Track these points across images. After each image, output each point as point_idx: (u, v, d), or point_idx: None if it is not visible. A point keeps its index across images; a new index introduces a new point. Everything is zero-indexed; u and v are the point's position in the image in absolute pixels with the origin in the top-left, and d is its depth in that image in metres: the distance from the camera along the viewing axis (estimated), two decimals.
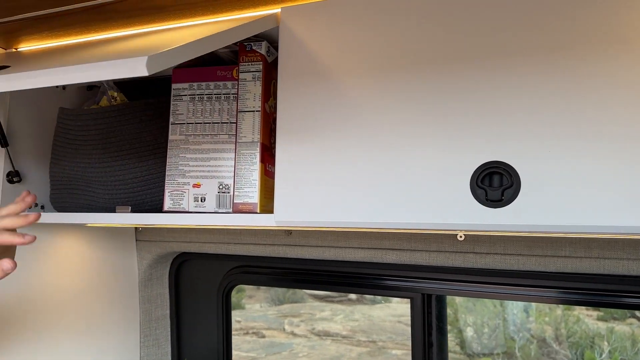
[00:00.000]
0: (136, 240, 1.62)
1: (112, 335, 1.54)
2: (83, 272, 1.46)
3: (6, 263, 0.90)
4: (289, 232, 1.42)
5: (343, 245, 1.36)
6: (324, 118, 0.96)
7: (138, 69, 0.71)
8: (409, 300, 1.38)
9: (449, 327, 1.48)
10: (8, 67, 0.95)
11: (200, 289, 1.66)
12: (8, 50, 1.28)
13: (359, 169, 0.92)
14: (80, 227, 1.45)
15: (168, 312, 1.68)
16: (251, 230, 1.47)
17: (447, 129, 0.87)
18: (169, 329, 1.68)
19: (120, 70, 0.73)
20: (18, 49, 1.30)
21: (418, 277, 1.36)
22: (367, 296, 3.33)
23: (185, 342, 1.69)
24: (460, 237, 1.22)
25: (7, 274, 0.91)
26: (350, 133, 0.94)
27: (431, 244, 1.28)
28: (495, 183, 0.85)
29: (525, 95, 0.84)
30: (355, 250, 1.36)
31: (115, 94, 1.22)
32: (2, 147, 1.21)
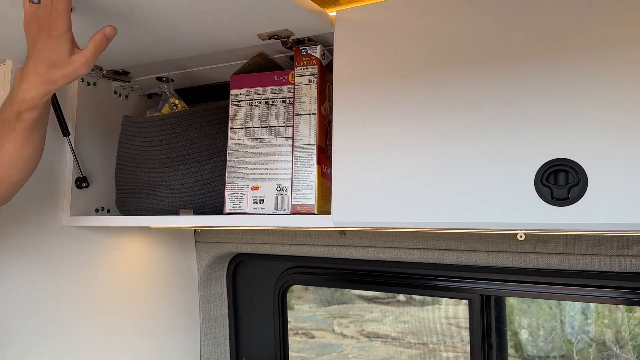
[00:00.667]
0: (195, 241, 1.67)
1: (174, 333, 1.59)
2: (146, 272, 1.52)
3: (108, 28, 0.88)
4: (343, 233, 1.43)
5: (398, 246, 1.36)
6: (380, 119, 0.97)
7: None
8: (460, 302, 1.36)
9: None
10: None
11: (256, 288, 1.69)
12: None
13: (417, 169, 0.92)
14: (144, 229, 1.51)
15: (226, 311, 1.72)
16: (306, 231, 1.49)
17: (510, 125, 0.86)
18: (227, 328, 1.72)
19: None
20: None
21: (476, 278, 1.34)
22: (417, 297, 3.30)
23: (243, 341, 1.73)
24: (521, 236, 1.20)
25: (109, 39, 0.88)
26: (407, 133, 0.94)
27: (490, 244, 1.26)
28: (560, 181, 0.83)
29: (592, 91, 0.82)
30: (411, 251, 1.35)
31: (177, 101, 1.26)
32: (63, 135, 1.26)
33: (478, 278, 1.34)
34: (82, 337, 1.33)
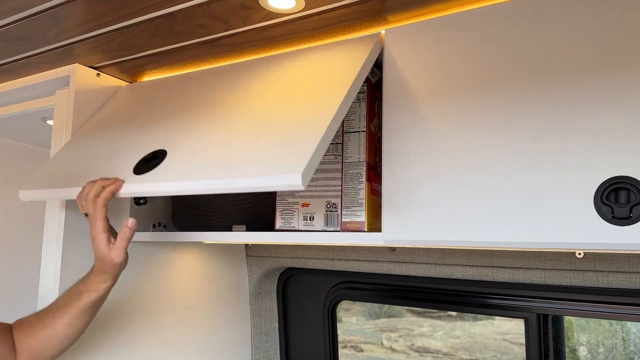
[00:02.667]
0: (246, 255, 1.70)
1: (227, 346, 1.63)
2: (200, 286, 1.56)
3: (130, 220, 1.01)
4: (392, 249, 1.42)
5: (450, 263, 1.34)
6: (430, 137, 0.96)
7: (294, 184, 0.79)
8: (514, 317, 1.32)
9: None
10: (160, 155, 1.05)
11: (306, 303, 1.70)
12: (132, 83, 1.41)
13: (472, 186, 0.90)
14: (198, 244, 1.55)
15: (277, 325, 1.74)
16: (355, 247, 1.49)
17: (569, 142, 0.83)
18: (278, 342, 1.74)
19: (276, 185, 0.82)
20: (140, 81, 1.42)
21: (533, 297, 1.29)
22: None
23: (293, 355, 1.74)
24: (579, 254, 1.15)
25: (132, 229, 1.01)
26: (460, 151, 0.93)
27: (547, 262, 1.22)
28: (622, 199, 0.80)
29: None
30: (464, 268, 1.33)
31: None
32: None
33: (534, 297, 1.29)
34: (139, 349, 1.38)
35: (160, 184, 0.97)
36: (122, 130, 1.19)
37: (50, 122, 1.52)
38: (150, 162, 1.03)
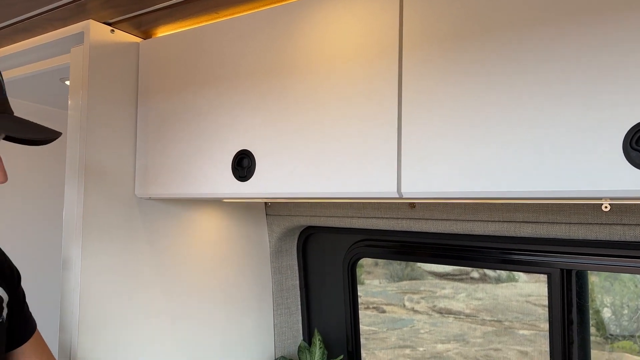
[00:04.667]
0: (266, 215, 1.70)
1: (250, 302, 1.65)
2: (220, 244, 1.57)
3: None
4: (412, 205, 1.40)
5: (471, 219, 1.32)
6: (451, 82, 0.92)
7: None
8: (538, 279, 1.30)
9: None
10: (247, 156, 1.16)
11: (326, 260, 1.70)
12: (146, 39, 1.39)
13: (493, 133, 0.87)
14: (217, 203, 1.56)
15: (297, 282, 1.75)
16: (375, 204, 1.47)
17: (596, 84, 0.79)
18: (299, 298, 1.75)
19: None
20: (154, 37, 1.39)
21: (556, 252, 1.27)
22: (491, 274, 3.19)
23: (314, 310, 1.75)
24: (606, 207, 1.12)
25: None
26: (480, 95, 0.89)
27: (572, 216, 1.18)
28: None
29: None
30: (485, 224, 1.30)
31: None
32: None
33: (558, 252, 1.27)
34: (162, 304, 1.40)
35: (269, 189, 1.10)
36: (189, 111, 1.23)
37: (68, 82, 1.52)
38: (242, 164, 1.15)
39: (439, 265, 3.38)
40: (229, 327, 1.58)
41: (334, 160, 1.02)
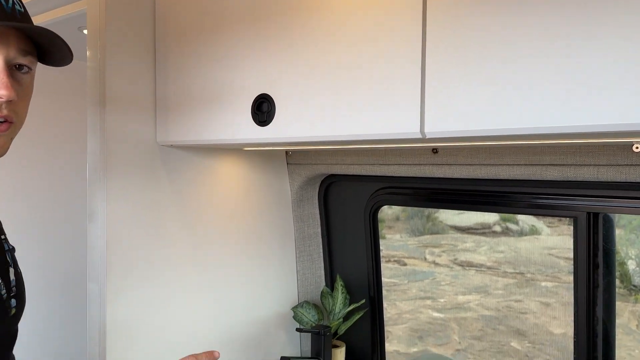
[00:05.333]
0: (287, 164, 1.70)
1: (273, 250, 1.67)
2: (242, 192, 1.58)
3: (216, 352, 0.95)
4: (435, 151, 1.38)
5: (496, 163, 1.29)
6: (477, 16, 0.88)
7: None
8: (561, 232, 1.27)
9: None
10: (267, 100, 1.14)
11: (348, 209, 1.70)
12: None
13: (519, 67, 0.82)
14: (237, 151, 1.56)
15: (319, 230, 1.76)
16: (396, 150, 1.45)
17: (628, 3, 0.74)
18: (321, 246, 1.77)
19: None
20: None
21: (583, 195, 1.24)
22: (513, 228, 3.18)
23: (336, 258, 1.77)
24: (637, 148, 1.08)
25: None
26: (506, 26, 0.84)
27: (600, 157, 1.15)
28: None
29: None
30: (510, 168, 1.28)
31: None
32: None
33: (585, 195, 1.24)
34: (185, 251, 1.43)
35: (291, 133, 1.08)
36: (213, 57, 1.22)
37: (86, 31, 1.51)
38: (262, 109, 1.13)
39: (461, 220, 3.38)
40: (252, 274, 1.60)
41: (355, 101, 0.99)
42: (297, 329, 1.56)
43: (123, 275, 1.29)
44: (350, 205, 1.69)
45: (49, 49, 0.79)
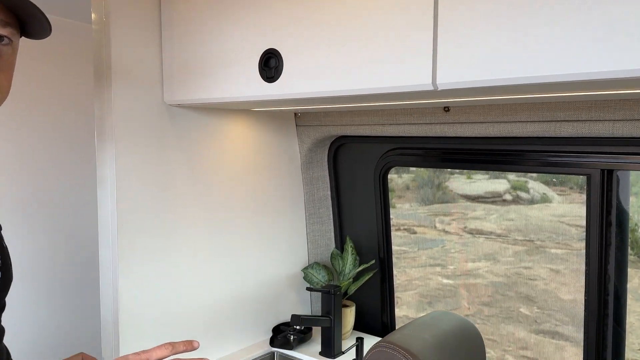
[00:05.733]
0: (296, 125, 1.68)
1: (282, 212, 1.67)
2: (251, 154, 1.57)
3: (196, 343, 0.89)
4: (446, 109, 1.36)
5: (509, 120, 1.26)
6: None
7: None
8: (572, 200, 1.25)
9: None
10: (275, 55, 1.11)
11: (357, 171, 1.69)
12: None
13: (539, 10, 0.79)
14: (246, 112, 1.54)
15: (329, 192, 1.75)
16: (407, 110, 1.43)
17: None
18: (331, 209, 1.77)
19: None
20: None
21: (597, 152, 1.22)
22: (524, 196, 3.17)
23: (345, 220, 1.77)
24: None
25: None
26: None
27: (617, 112, 1.12)
28: None
29: None
30: (524, 125, 1.25)
31: None
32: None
33: (599, 152, 1.22)
34: (195, 213, 1.43)
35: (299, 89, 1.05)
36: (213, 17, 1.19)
37: None
38: (269, 64, 1.10)
39: (471, 188, 3.36)
40: (262, 237, 1.61)
41: (364, 53, 0.97)
42: (308, 288, 1.57)
43: (134, 240, 1.30)
44: (360, 167, 1.68)
45: (26, 20, 0.78)
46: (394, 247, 2.04)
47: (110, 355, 1.30)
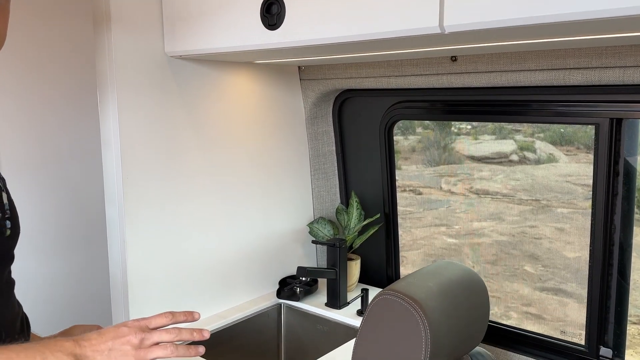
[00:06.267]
0: (300, 79, 1.66)
1: (288, 168, 1.67)
2: (254, 109, 1.56)
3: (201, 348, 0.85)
4: (454, 58, 1.33)
5: (518, 69, 1.24)
6: None
7: None
8: (579, 160, 1.23)
9: None
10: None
11: (362, 125, 1.68)
12: None
13: None
14: (249, 65, 1.52)
15: (334, 148, 1.74)
16: (413, 61, 1.40)
17: None
18: (336, 164, 1.76)
19: None
20: None
21: (606, 101, 1.19)
22: (530, 157, 3.14)
23: (351, 175, 1.76)
24: None
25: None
26: None
27: (627, 58, 1.09)
28: None
29: None
30: (532, 73, 1.23)
31: None
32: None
33: (609, 100, 1.19)
34: (201, 166, 1.43)
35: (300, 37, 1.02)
36: None
37: None
38: (271, 11, 1.07)
39: (477, 149, 3.34)
40: (268, 192, 1.61)
41: None
42: (313, 241, 1.59)
43: (140, 196, 1.30)
44: (365, 121, 1.66)
45: None
46: (400, 208, 2.04)
47: (121, 310, 1.33)
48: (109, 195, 1.30)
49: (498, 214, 3.56)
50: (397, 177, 1.86)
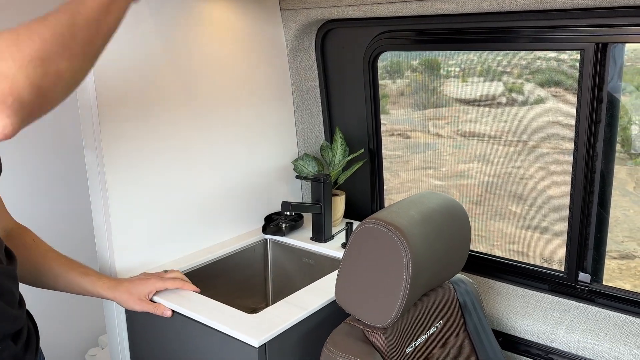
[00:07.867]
0: (280, 10, 1.61)
1: (270, 104, 1.64)
2: (235, 43, 1.51)
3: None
4: None
5: None
6: None
7: None
8: (567, 101, 1.22)
9: None
10: None
11: (346, 58, 1.64)
12: None
13: None
14: None
15: (317, 83, 1.71)
16: None
17: None
18: (319, 99, 1.73)
19: None
20: None
21: (593, 25, 1.17)
22: (518, 98, 3.14)
23: (335, 111, 1.74)
24: None
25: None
26: None
27: None
28: None
29: None
30: None
31: None
32: None
33: (594, 25, 1.17)
34: (180, 102, 1.40)
35: None
36: None
37: None
38: None
39: (465, 92, 3.32)
40: (251, 129, 1.59)
41: None
42: (297, 177, 1.58)
43: (118, 136, 1.26)
44: (349, 54, 1.62)
45: None
46: (388, 152, 2.03)
47: (107, 253, 1.31)
48: (87, 139, 1.27)
49: (485, 155, 3.59)
50: (385, 122, 1.84)
